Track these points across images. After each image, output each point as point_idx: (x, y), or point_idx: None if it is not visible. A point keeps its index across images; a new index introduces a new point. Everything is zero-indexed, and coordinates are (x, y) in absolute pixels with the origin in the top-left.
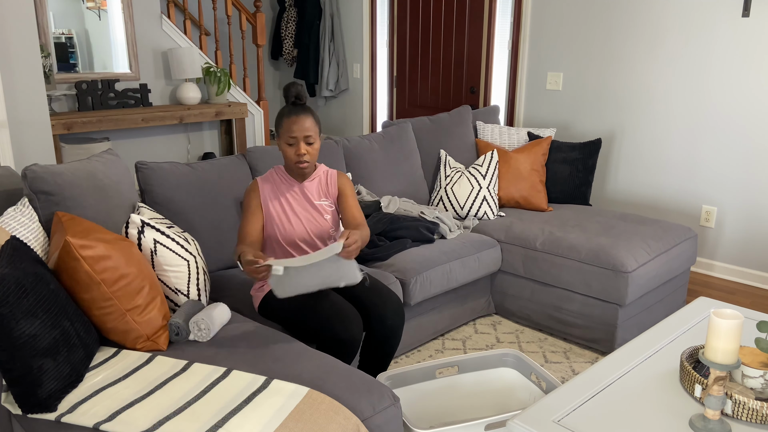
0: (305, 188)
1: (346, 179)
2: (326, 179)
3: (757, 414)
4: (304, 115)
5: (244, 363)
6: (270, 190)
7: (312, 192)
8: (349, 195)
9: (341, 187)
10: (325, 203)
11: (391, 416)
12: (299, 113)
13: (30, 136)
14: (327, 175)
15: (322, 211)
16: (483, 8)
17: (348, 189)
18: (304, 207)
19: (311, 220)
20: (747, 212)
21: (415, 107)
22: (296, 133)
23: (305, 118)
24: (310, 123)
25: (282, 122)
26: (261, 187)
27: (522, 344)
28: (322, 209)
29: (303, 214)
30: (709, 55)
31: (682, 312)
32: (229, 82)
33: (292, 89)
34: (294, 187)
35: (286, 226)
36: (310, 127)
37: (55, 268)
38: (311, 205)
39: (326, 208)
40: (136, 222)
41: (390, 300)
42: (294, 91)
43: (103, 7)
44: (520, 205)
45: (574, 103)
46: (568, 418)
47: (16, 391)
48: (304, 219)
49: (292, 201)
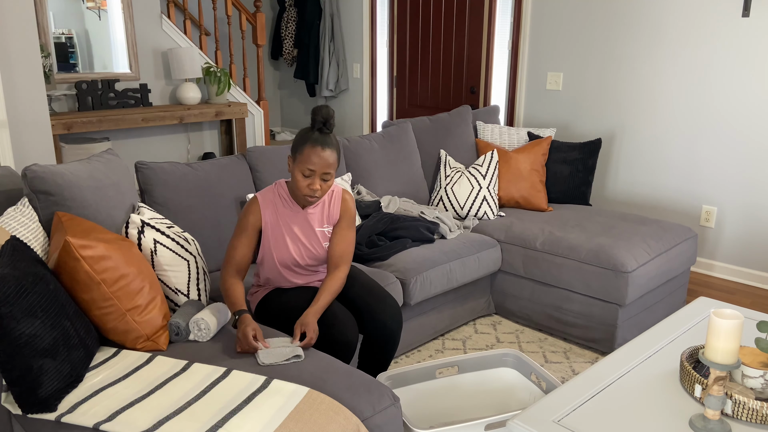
0: (308, 214)
1: (349, 204)
2: (330, 202)
3: (757, 414)
4: (330, 150)
5: (244, 363)
6: (271, 214)
7: (314, 219)
8: (342, 225)
9: (342, 211)
10: (326, 229)
11: (391, 416)
12: (325, 146)
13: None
14: (332, 195)
15: (321, 239)
16: (483, 8)
17: (346, 216)
18: (303, 233)
19: (308, 248)
20: (747, 212)
21: (415, 107)
22: (316, 167)
23: (330, 153)
24: (333, 159)
25: (303, 148)
26: (262, 211)
27: (522, 344)
28: (322, 236)
29: (301, 240)
30: (709, 55)
31: (682, 312)
32: (229, 82)
33: (322, 112)
34: (297, 213)
35: (283, 250)
36: (333, 163)
37: (55, 268)
38: (312, 233)
39: (326, 234)
40: (136, 222)
41: (388, 304)
42: (323, 114)
43: (103, 7)
44: (520, 205)
45: (574, 103)
46: (568, 418)
47: (16, 391)
48: (302, 246)
49: (293, 226)
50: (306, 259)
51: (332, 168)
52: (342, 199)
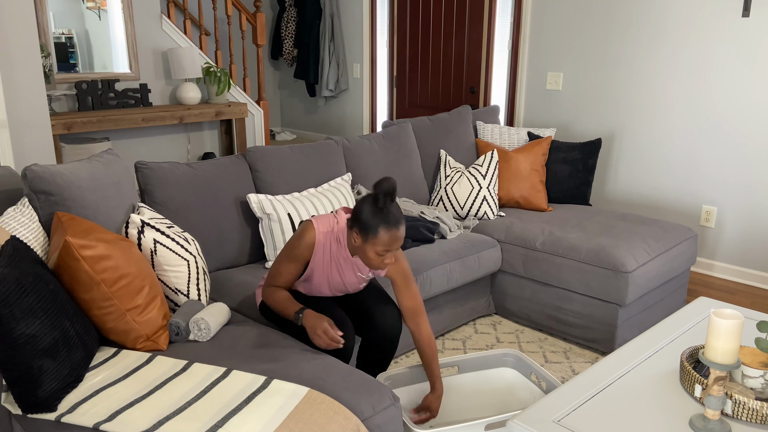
0: (356, 261)
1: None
2: None
3: (757, 414)
4: (402, 226)
5: (244, 363)
6: (323, 253)
7: (359, 265)
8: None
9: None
10: (364, 276)
11: (391, 416)
12: (399, 226)
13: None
14: None
15: (358, 282)
16: (483, 8)
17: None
18: (345, 274)
19: (342, 285)
20: (747, 212)
21: (415, 107)
22: (392, 248)
23: (403, 229)
24: (403, 233)
25: (378, 230)
26: (316, 249)
27: (522, 344)
28: (361, 280)
29: (341, 280)
30: (709, 55)
31: (682, 312)
32: (229, 82)
33: (386, 185)
34: (347, 260)
35: (319, 285)
36: (402, 237)
37: (55, 268)
38: (354, 276)
39: (365, 279)
40: (136, 222)
41: (388, 308)
42: (388, 187)
43: (103, 7)
44: (520, 205)
45: (574, 103)
46: (568, 418)
47: (16, 391)
48: (337, 282)
49: (339, 267)
50: (335, 291)
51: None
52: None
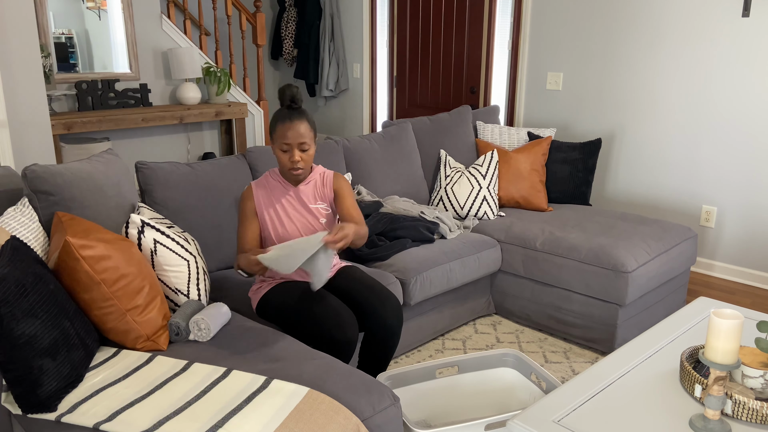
0: (300, 192)
1: (343, 180)
2: (322, 181)
3: (757, 414)
4: (298, 121)
5: (244, 363)
6: (264, 195)
7: (308, 195)
8: (345, 195)
9: (337, 188)
10: (320, 206)
11: (391, 416)
12: (293, 119)
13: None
14: (323, 177)
15: (317, 215)
16: (483, 8)
17: (344, 189)
18: (299, 211)
19: (306, 224)
20: (747, 212)
21: (415, 107)
22: (290, 140)
23: (299, 124)
24: (305, 128)
25: (276, 127)
26: (255, 193)
27: (522, 344)
28: (318, 213)
29: (298, 218)
30: (709, 55)
31: (682, 312)
32: (229, 82)
33: (287, 92)
34: (289, 191)
35: (280, 230)
36: (305, 133)
37: (55, 268)
38: (306, 209)
39: (321, 211)
40: (136, 222)
41: (389, 301)
42: (289, 93)
43: (103, 7)
44: (520, 205)
45: (574, 103)
46: (568, 418)
47: (16, 391)
48: (299, 223)
49: (287, 205)
50: (301, 228)
51: (306, 138)
52: (333, 177)
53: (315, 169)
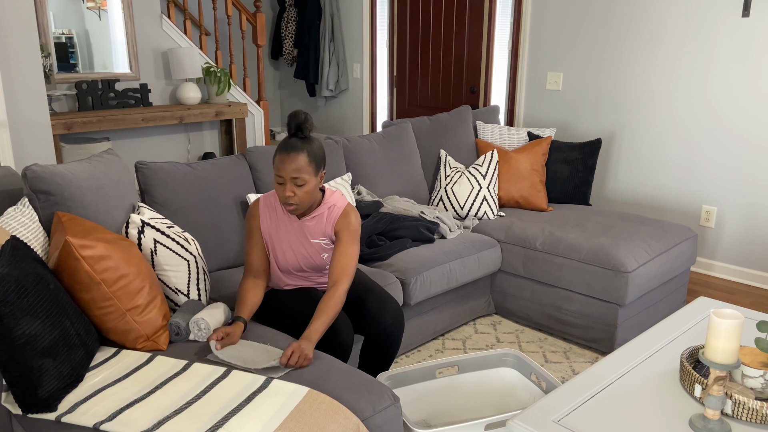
0: (304, 225)
1: (346, 222)
2: (327, 217)
3: (757, 414)
4: (295, 153)
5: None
6: (269, 216)
7: (310, 230)
8: (342, 241)
9: (338, 231)
10: (323, 242)
11: (391, 416)
12: (290, 150)
13: (30, 136)
14: (331, 212)
15: (319, 250)
16: (483, 8)
17: (343, 234)
18: (301, 243)
19: (307, 257)
20: (747, 212)
21: (415, 107)
22: (283, 173)
23: (296, 156)
24: (303, 162)
25: (275, 157)
26: (261, 211)
27: (522, 344)
28: (320, 248)
29: (300, 249)
30: (709, 55)
31: (682, 312)
32: (229, 82)
33: (294, 120)
34: (293, 221)
35: (280, 258)
36: (302, 167)
37: (55, 268)
38: (308, 243)
39: (324, 246)
40: (136, 222)
41: (389, 305)
42: (295, 122)
43: (103, 7)
44: (520, 205)
45: (574, 103)
46: (568, 418)
47: (16, 391)
48: (300, 255)
49: (290, 235)
50: (304, 267)
51: (303, 172)
52: (342, 214)
53: (327, 201)
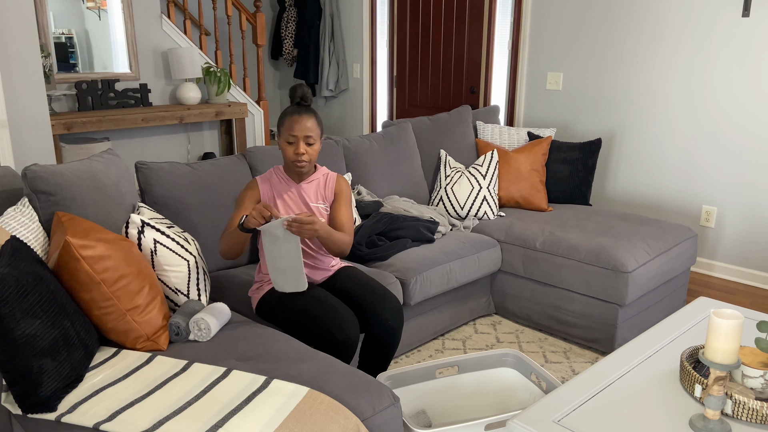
0: (302, 189)
1: (345, 184)
2: (325, 182)
3: (757, 414)
4: (306, 115)
5: (244, 363)
6: (267, 190)
7: (309, 194)
8: (341, 199)
9: (338, 191)
10: (321, 206)
11: (391, 416)
12: (302, 113)
13: (30, 136)
14: (326, 177)
15: (318, 214)
16: (483, 8)
17: (344, 194)
18: (299, 208)
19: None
20: (747, 212)
21: (415, 107)
22: (297, 132)
23: (308, 118)
24: (312, 123)
25: (284, 120)
26: (260, 187)
27: (522, 344)
28: (318, 212)
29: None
30: (709, 55)
31: (682, 312)
32: (229, 82)
33: (299, 90)
34: (291, 188)
35: None
36: (312, 127)
37: (55, 268)
38: (307, 207)
39: (322, 211)
40: (136, 222)
41: (389, 302)
42: (300, 92)
43: (103, 7)
44: (520, 205)
45: (574, 103)
46: (568, 418)
47: (16, 391)
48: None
49: (289, 201)
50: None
51: (313, 132)
52: (337, 179)
53: (319, 170)
